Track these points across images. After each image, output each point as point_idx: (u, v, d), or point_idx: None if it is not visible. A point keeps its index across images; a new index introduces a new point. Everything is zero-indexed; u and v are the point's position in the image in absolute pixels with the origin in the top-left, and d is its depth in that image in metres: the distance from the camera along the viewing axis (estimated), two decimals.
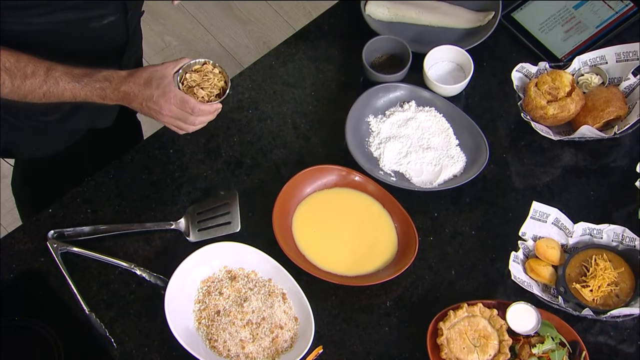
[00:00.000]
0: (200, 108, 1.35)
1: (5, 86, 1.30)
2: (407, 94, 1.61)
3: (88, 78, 1.32)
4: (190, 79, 1.36)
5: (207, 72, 1.37)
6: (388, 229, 1.49)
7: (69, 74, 1.32)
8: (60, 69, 1.31)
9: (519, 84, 1.56)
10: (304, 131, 1.60)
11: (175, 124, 1.37)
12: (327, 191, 1.52)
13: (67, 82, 1.31)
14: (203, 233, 1.47)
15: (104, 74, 1.33)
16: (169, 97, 1.33)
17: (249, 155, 1.57)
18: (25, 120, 1.50)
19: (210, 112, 1.37)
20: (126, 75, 1.33)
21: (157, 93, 1.32)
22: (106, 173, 1.54)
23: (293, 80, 1.66)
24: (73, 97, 1.33)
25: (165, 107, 1.33)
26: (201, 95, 1.36)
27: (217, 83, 1.37)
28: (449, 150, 1.56)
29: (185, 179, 1.54)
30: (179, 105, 1.34)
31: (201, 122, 1.38)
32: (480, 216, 1.51)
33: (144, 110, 1.35)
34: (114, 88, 1.33)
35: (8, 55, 1.29)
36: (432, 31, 1.69)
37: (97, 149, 1.70)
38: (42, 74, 1.30)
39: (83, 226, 1.47)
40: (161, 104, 1.33)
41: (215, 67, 1.38)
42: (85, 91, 1.32)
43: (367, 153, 1.56)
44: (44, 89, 1.31)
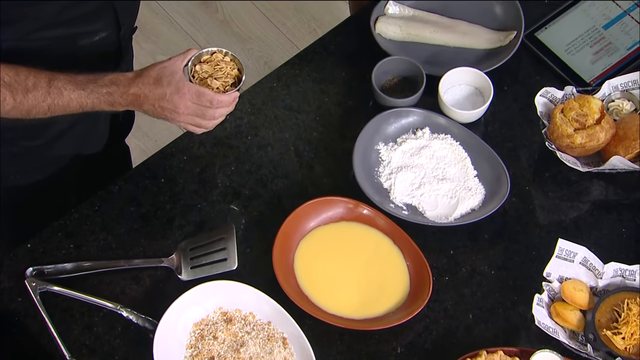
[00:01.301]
0: (218, 99, 1.35)
1: (6, 103, 1.30)
2: (421, 119, 1.61)
3: (93, 84, 1.33)
4: (202, 70, 1.37)
5: (218, 62, 1.38)
6: (399, 268, 1.49)
7: (73, 82, 1.32)
8: (62, 77, 1.32)
9: (543, 110, 1.57)
10: (308, 160, 1.60)
11: (193, 122, 1.37)
12: (333, 225, 1.52)
13: (71, 91, 1.32)
14: (196, 271, 1.47)
15: (109, 78, 1.34)
16: (183, 92, 1.33)
17: (247, 186, 1.57)
18: (5, 146, 1.50)
19: (230, 103, 1.38)
20: (134, 77, 1.34)
21: (169, 90, 1.33)
22: (91, 205, 1.54)
23: (296, 104, 1.66)
24: (80, 106, 1.33)
25: (181, 104, 1.33)
26: (216, 86, 1.36)
27: (230, 72, 1.38)
28: (467, 181, 1.56)
29: (178, 211, 1.54)
30: (196, 100, 1.34)
31: (221, 114, 1.38)
32: (500, 254, 1.50)
33: (157, 112, 1.35)
34: (122, 92, 1.33)
35: (6, 69, 1.30)
36: (448, 52, 1.70)
37: (83, 177, 1.70)
38: (45, 85, 1.31)
39: (65, 263, 1.47)
40: (176, 101, 1.33)
41: (225, 55, 1.39)
42: (92, 99, 1.33)
43: (377, 184, 1.56)
44: (48, 102, 1.32)
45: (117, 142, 1.75)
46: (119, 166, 1.78)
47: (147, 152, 2.51)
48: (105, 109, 1.34)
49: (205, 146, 1.61)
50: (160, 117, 1.36)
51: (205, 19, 2.76)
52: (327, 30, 1.75)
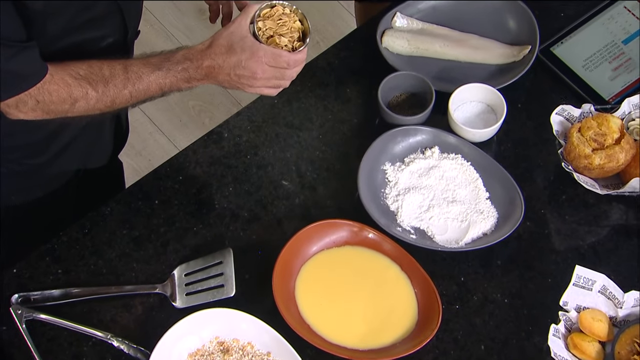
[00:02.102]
0: (295, 59, 1.38)
1: (90, 97, 1.34)
2: (430, 138, 1.61)
3: (168, 63, 1.36)
4: (266, 27, 1.38)
5: (280, 16, 1.39)
6: (407, 295, 1.48)
7: (147, 64, 1.36)
8: (136, 62, 1.36)
9: (559, 129, 1.57)
10: (310, 180, 1.60)
11: (271, 84, 1.40)
12: (337, 250, 1.52)
13: (149, 74, 1.36)
14: (192, 298, 1.47)
15: (182, 54, 1.37)
16: (258, 56, 1.35)
17: (246, 208, 1.57)
18: (8, 165, 1.51)
19: (304, 60, 1.40)
20: (204, 49, 1.37)
21: (244, 57, 1.35)
22: (80, 227, 1.54)
23: (298, 121, 1.66)
24: (159, 88, 1.37)
25: (259, 69, 1.36)
26: (284, 43, 1.38)
27: (293, 25, 1.39)
28: (478, 204, 1.56)
29: (172, 234, 1.54)
30: (272, 63, 1.36)
31: (297, 72, 1.41)
32: (514, 282, 1.50)
33: (233, 81, 1.38)
34: (196, 66, 1.36)
35: (79, 64, 1.34)
36: (459, 67, 1.70)
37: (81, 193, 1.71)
38: (121, 72, 1.35)
39: (52, 289, 1.47)
40: (253, 67, 1.36)
41: (286, 8, 1.40)
42: (170, 77, 1.36)
43: (383, 206, 1.56)
44: (129, 88, 1.35)
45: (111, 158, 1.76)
46: (112, 185, 1.78)
47: (140, 171, 2.52)
48: (183, 86, 1.38)
49: (201, 166, 1.61)
50: (236, 86, 1.39)
51: (203, 32, 2.77)
52: (331, 44, 1.75)
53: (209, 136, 1.65)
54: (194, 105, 2.71)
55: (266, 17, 1.39)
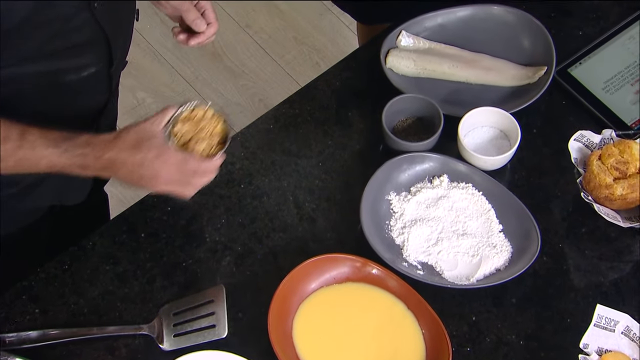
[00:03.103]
0: (204, 168, 1.37)
1: None
2: (438, 166, 1.61)
3: (68, 142, 1.33)
4: (183, 131, 1.38)
5: (200, 119, 1.38)
6: (413, 336, 1.48)
7: (47, 137, 1.33)
8: (36, 132, 1.32)
9: (578, 156, 1.57)
10: (309, 211, 1.60)
11: (172, 190, 1.38)
12: (337, 287, 1.52)
13: (44, 148, 1.32)
14: (180, 339, 1.46)
15: (85, 138, 1.34)
16: (165, 158, 1.34)
17: (239, 241, 1.57)
18: None
19: (216, 168, 1.40)
20: (110, 139, 1.34)
21: (150, 156, 1.34)
22: (60, 263, 1.53)
23: (296, 148, 1.66)
24: (49, 166, 1.34)
25: (163, 172, 1.34)
26: (201, 148, 1.37)
27: (214, 129, 1.39)
28: (491, 237, 1.56)
29: (160, 270, 1.54)
30: (179, 167, 1.35)
31: (205, 182, 1.40)
32: (530, 322, 1.49)
33: (134, 179, 1.36)
34: (96, 156, 1.34)
35: None
36: (469, 89, 1.71)
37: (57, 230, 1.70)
38: (16, 138, 1.31)
39: (29, 330, 1.46)
40: (157, 168, 1.34)
41: (207, 111, 1.40)
42: (64, 159, 1.33)
43: (388, 239, 1.56)
44: (18, 156, 1.32)
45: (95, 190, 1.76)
46: (95, 217, 1.78)
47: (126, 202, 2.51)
48: (75, 172, 1.35)
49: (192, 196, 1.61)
50: (136, 185, 1.37)
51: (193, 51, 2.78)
52: (332, 64, 1.76)
53: None
54: None
55: (186, 120, 1.39)
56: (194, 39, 1.55)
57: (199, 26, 1.53)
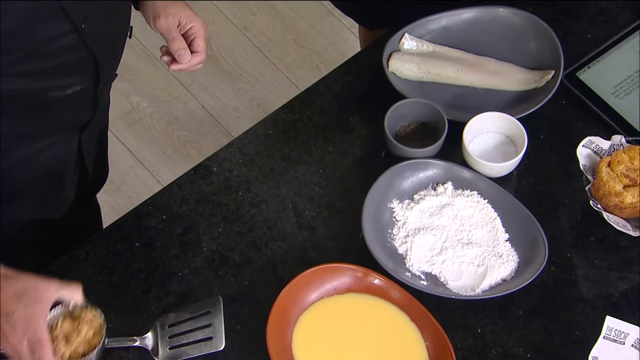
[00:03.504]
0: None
1: None
2: (442, 173, 1.61)
3: None
4: (61, 328, 1.37)
5: (82, 322, 1.38)
6: (416, 349, 1.48)
7: None
8: None
9: (586, 163, 1.56)
10: (309, 220, 1.60)
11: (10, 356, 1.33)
12: (338, 298, 1.52)
13: None
14: (176, 352, 1.46)
15: None
16: (29, 327, 1.30)
17: (237, 250, 1.57)
18: None
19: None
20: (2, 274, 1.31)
21: (19, 314, 1.29)
22: (51, 274, 1.52)
23: (295, 154, 1.66)
24: None
25: (17, 337, 1.30)
26: (61, 352, 1.36)
27: (88, 338, 1.38)
28: (497, 246, 1.55)
29: (155, 280, 1.54)
30: (32, 345, 1.30)
31: None
32: (537, 334, 1.49)
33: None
34: None
35: None
36: (475, 94, 1.71)
37: (41, 241, 1.69)
38: None
39: None
40: (16, 328, 1.30)
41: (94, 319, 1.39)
42: None
43: (390, 249, 1.56)
44: None
45: (86, 200, 1.75)
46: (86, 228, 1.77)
47: (119, 210, 2.52)
48: None
49: (188, 204, 1.61)
50: None
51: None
52: (333, 68, 1.76)
53: (196, 170, 1.65)
54: (179, 135, 2.72)
55: (72, 318, 1.38)
56: (175, 65, 1.53)
57: (182, 58, 1.52)
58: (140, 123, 2.68)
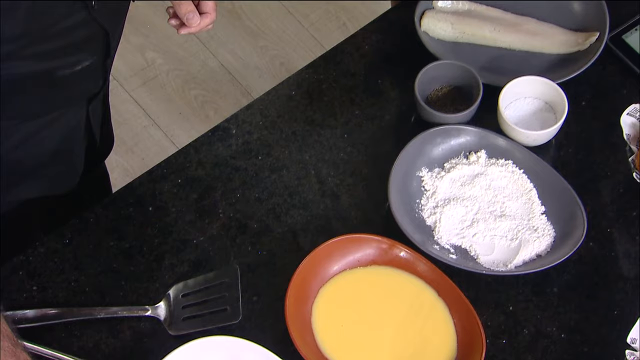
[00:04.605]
0: None
1: None
2: (475, 140, 1.61)
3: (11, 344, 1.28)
4: None
5: None
6: (444, 326, 1.49)
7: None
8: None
9: (630, 132, 1.56)
10: (332, 187, 1.61)
11: None
12: (362, 270, 1.53)
13: None
14: (190, 323, 1.47)
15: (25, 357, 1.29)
16: None
17: (255, 218, 1.58)
18: None
19: None
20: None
21: None
22: (60, 237, 1.55)
23: (319, 117, 1.67)
24: None
25: None
26: None
27: None
28: (532, 220, 1.56)
29: (169, 247, 1.55)
30: None
31: None
32: (573, 313, 1.50)
33: None
34: None
35: None
36: (512, 56, 1.71)
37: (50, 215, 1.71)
38: None
39: (26, 309, 1.47)
40: None
41: None
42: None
43: (418, 220, 1.56)
44: None
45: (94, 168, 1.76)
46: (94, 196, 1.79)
47: (132, 172, 2.53)
48: None
49: (204, 167, 1.62)
50: None
51: None
52: (361, 26, 1.76)
53: (214, 132, 1.66)
54: (196, 95, 2.73)
55: None
56: (184, 29, 1.54)
57: (190, 21, 1.52)
58: (155, 81, 2.69)
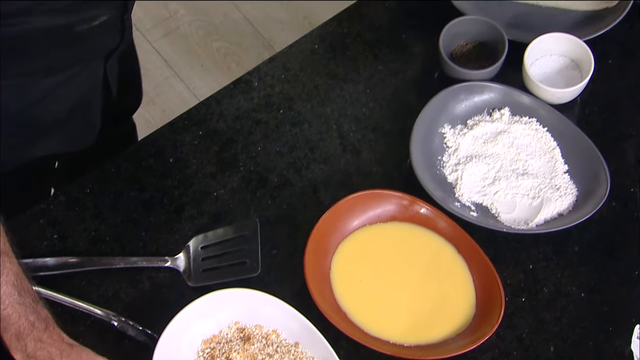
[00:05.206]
0: None
1: None
2: (499, 97, 1.61)
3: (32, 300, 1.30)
4: None
5: None
6: (463, 283, 1.49)
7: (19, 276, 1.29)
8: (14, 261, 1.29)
9: None
10: (354, 142, 1.61)
11: None
12: (381, 226, 1.53)
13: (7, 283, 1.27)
14: (209, 275, 1.48)
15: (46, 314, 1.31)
16: None
17: (276, 171, 1.58)
18: None
19: None
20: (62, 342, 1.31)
21: None
22: (81, 187, 1.56)
23: (342, 71, 1.67)
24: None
25: None
26: None
27: None
28: (554, 178, 1.56)
29: (189, 199, 1.56)
30: None
31: None
32: (593, 273, 1.50)
33: None
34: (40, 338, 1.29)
35: None
36: (538, 13, 1.70)
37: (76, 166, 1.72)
38: None
39: (46, 257, 1.49)
40: None
41: None
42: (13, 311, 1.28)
43: (440, 177, 1.57)
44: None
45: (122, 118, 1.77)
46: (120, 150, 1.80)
47: (154, 123, 2.54)
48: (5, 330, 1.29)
49: (226, 120, 1.62)
50: None
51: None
52: None
53: (236, 85, 1.66)
54: (218, 47, 2.73)
55: None
56: None
57: None
58: (178, 32, 2.68)
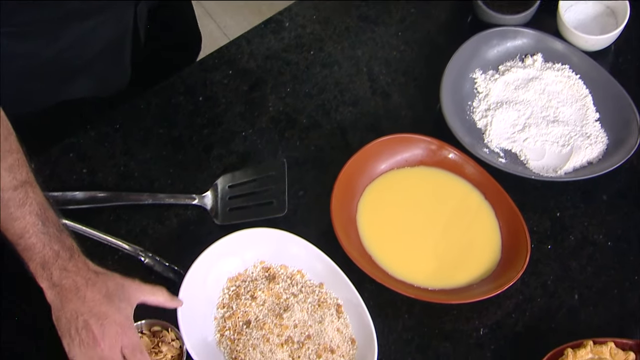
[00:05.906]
0: None
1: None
2: (532, 43, 1.61)
3: (56, 229, 1.29)
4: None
5: (161, 342, 1.37)
6: (489, 229, 1.50)
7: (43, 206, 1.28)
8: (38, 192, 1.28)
9: None
10: (384, 85, 1.61)
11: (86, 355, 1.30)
12: (409, 170, 1.54)
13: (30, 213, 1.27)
14: (236, 214, 1.49)
15: (71, 243, 1.30)
16: (124, 332, 1.28)
17: (305, 113, 1.59)
18: None
19: None
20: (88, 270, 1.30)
21: (113, 317, 1.27)
22: (111, 122, 1.57)
23: (374, 13, 1.66)
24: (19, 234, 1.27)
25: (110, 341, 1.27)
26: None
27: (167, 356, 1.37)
28: (585, 126, 1.56)
29: (218, 137, 1.56)
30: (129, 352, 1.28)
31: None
32: (621, 221, 1.50)
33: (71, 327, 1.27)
34: (66, 267, 1.28)
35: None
36: None
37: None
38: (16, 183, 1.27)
39: (76, 191, 1.50)
40: (110, 333, 1.27)
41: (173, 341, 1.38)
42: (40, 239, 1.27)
43: (469, 122, 1.57)
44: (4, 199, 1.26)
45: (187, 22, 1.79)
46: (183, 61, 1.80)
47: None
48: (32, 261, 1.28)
49: (256, 59, 1.63)
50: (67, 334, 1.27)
51: None
52: None
53: (267, 24, 1.66)
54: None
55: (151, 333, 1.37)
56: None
57: None
58: None
